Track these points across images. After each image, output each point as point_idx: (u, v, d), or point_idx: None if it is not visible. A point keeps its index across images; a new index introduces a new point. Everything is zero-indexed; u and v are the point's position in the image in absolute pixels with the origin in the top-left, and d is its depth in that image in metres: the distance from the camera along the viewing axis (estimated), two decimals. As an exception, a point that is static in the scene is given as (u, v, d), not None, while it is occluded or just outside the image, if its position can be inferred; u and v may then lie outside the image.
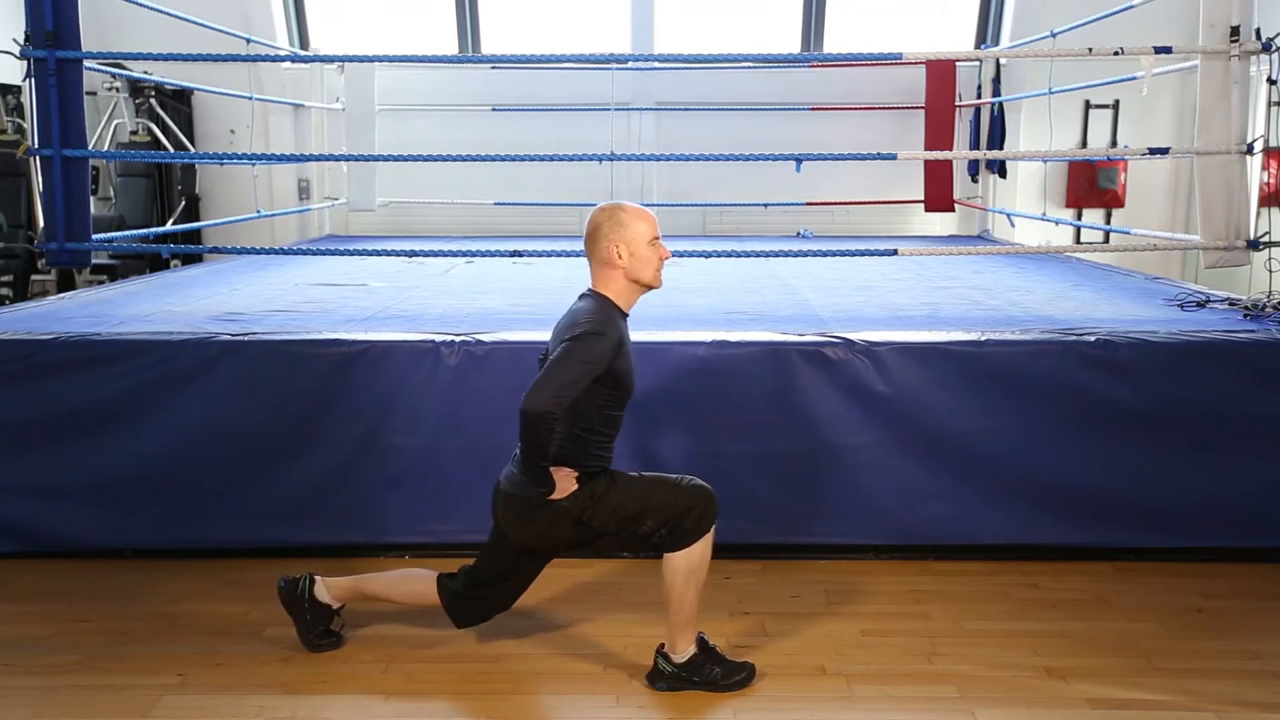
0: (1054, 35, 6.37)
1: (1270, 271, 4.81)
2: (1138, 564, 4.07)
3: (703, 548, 3.08)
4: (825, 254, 5.56)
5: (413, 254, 5.86)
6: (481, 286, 5.85)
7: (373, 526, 4.14)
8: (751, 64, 8.60)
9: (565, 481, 3.06)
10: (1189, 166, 7.82)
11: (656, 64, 8.82)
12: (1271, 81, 4.72)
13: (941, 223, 9.33)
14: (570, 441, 3.08)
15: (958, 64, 8.81)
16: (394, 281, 6.00)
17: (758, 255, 5.55)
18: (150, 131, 8.61)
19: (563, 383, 2.89)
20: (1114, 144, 9.05)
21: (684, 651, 3.15)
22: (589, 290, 3.12)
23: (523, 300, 5.30)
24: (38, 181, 4.94)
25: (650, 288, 3.13)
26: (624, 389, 3.10)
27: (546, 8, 9.58)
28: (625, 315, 3.11)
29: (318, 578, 3.41)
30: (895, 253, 5.40)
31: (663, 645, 3.19)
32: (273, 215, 8.22)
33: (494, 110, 9.06)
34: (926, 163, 8.66)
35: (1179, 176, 9.12)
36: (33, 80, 4.65)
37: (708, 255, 5.27)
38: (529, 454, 2.95)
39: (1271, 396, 4.07)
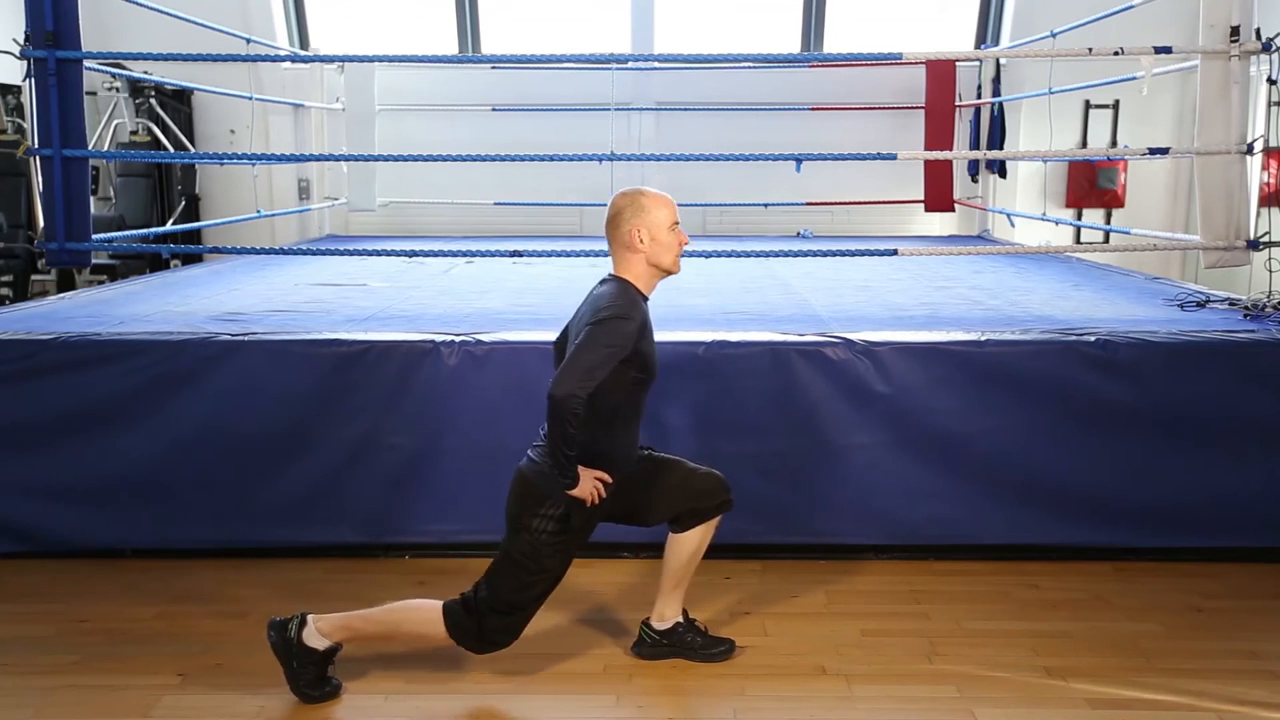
0: (1054, 35, 6.37)
1: (1270, 271, 4.81)
2: (1138, 564, 4.07)
3: (710, 529, 3.26)
4: (825, 254, 5.55)
5: (413, 254, 5.86)
6: (481, 286, 5.85)
7: (373, 526, 4.14)
8: (751, 64, 8.60)
9: (589, 483, 3.03)
10: (1189, 166, 7.81)
11: (656, 64, 8.83)
12: (1271, 81, 4.72)
13: (941, 223, 9.34)
14: (599, 425, 3.04)
15: (958, 64, 8.81)
16: (394, 281, 6.00)
17: (758, 255, 5.55)
18: (150, 131, 8.61)
19: (589, 366, 2.90)
20: (1114, 144, 9.04)
21: (668, 620, 3.26)
22: (610, 275, 3.14)
23: (522, 300, 5.31)
24: (38, 181, 4.94)
25: (669, 273, 3.15)
26: (649, 371, 3.11)
27: (546, 8, 9.58)
28: (646, 299, 3.13)
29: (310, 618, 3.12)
30: (895, 253, 5.40)
31: (648, 618, 3.31)
32: (273, 215, 8.23)
33: (494, 110, 9.06)
34: (926, 163, 8.65)
35: (1179, 176, 9.12)
36: (33, 80, 4.65)
37: (708, 255, 5.25)
38: (557, 441, 2.93)
39: (1271, 396, 4.07)
